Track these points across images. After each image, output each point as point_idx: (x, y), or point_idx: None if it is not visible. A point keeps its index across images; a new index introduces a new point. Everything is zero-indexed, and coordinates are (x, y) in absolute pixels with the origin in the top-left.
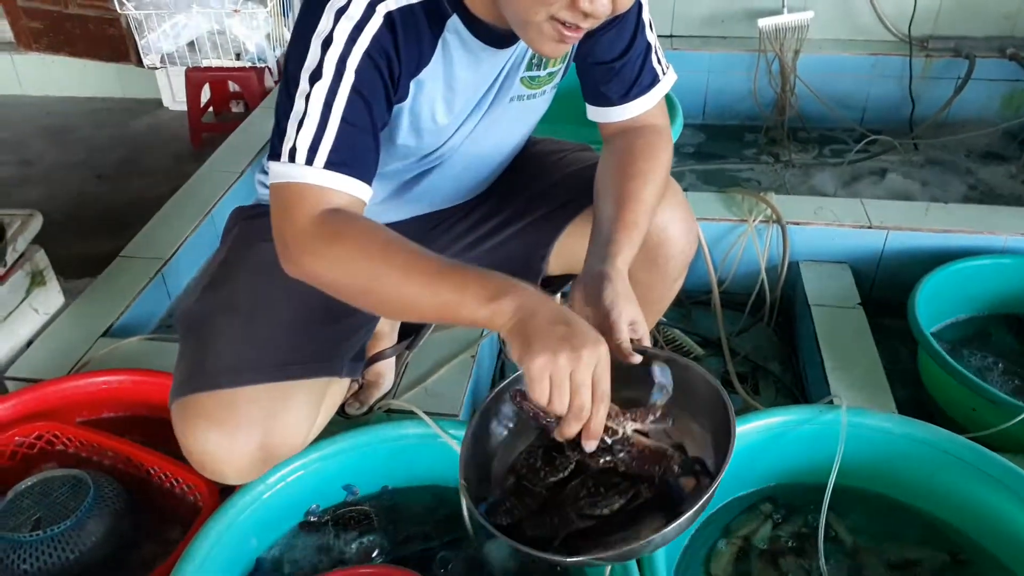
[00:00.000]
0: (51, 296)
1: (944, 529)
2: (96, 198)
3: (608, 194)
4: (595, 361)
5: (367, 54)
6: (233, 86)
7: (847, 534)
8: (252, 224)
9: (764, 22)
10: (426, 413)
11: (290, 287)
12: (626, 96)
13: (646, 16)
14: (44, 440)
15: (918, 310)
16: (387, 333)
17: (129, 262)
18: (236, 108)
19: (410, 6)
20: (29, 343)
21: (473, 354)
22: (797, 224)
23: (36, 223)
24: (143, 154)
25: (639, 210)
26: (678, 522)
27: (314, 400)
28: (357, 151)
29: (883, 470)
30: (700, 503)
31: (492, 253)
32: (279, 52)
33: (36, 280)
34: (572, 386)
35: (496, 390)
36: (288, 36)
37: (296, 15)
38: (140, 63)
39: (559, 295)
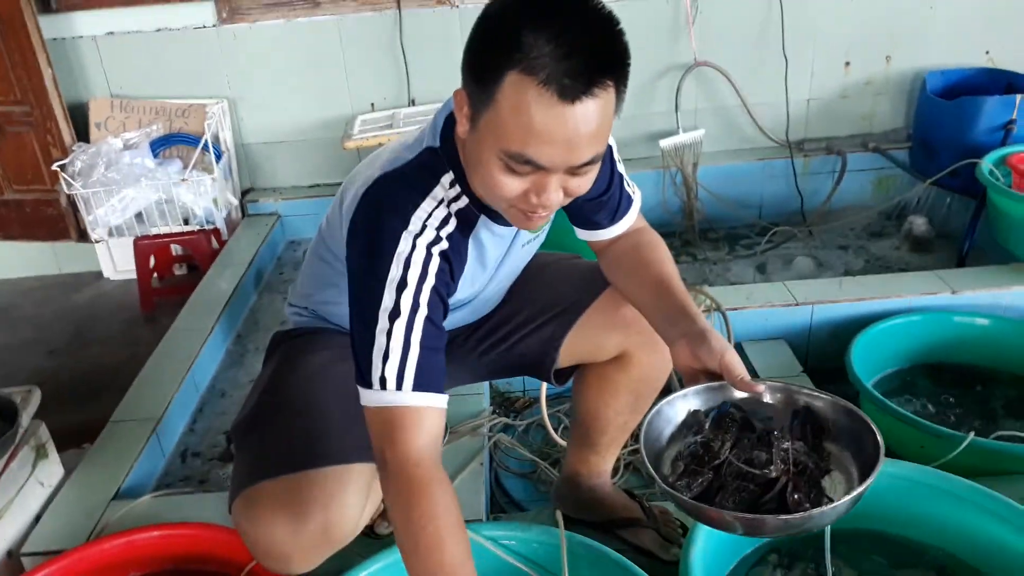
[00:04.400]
0: (53, 468)
1: (928, 551)
2: (52, 373)
3: (644, 284)
4: None
5: (435, 289)
6: (176, 250)
7: (847, 569)
8: (295, 343)
9: (664, 142)
10: None
11: (339, 389)
12: (613, 219)
13: (616, 155)
14: None
15: (856, 368)
16: None
17: (119, 426)
18: (179, 271)
19: (451, 233)
20: (37, 517)
21: (481, 462)
22: (734, 309)
23: (36, 397)
24: (92, 325)
25: (680, 284)
26: (852, 495)
27: (366, 485)
28: (435, 370)
29: (869, 506)
30: (864, 486)
31: (510, 351)
32: (225, 213)
33: (40, 453)
34: None
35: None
36: (231, 198)
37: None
38: (81, 239)
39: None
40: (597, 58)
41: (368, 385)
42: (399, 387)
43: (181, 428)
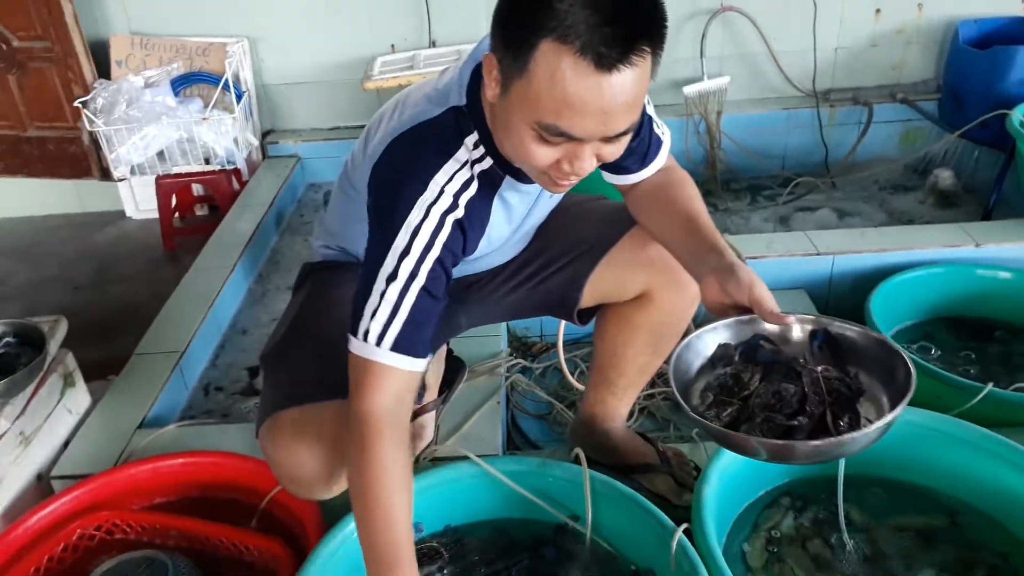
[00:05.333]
0: (80, 396)
1: (939, 498)
2: (78, 309)
3: (672, 221)
4: None
5: (438, 260)
6: (197, 190)
7: (859, 513)
8: (325, 274)
9: (689, 89)
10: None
11: None
12: (643, 163)
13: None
14: (104, 530)
15: (875, 319)
16: (432, 385)
17: (144, 359)
18: (200, 212)
19: (472, 197)
20: (66, 443)
21: (499, 400)
22: (754, 258)
23: (63, 327)
24: (115, 263)
25: (709, 221)
26: (883, 421)
27: None
28: (417, 335)
29: (881, 453)
30: (896, 412)
31: (534, 291)
32: (246, 153)
33: (68, 381)
34: None
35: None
36: (252, 139)
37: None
38: (104, 177)
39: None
40: (635, 24)
41: (354, 333)
42: (379, 344)
43: (204, 363)
